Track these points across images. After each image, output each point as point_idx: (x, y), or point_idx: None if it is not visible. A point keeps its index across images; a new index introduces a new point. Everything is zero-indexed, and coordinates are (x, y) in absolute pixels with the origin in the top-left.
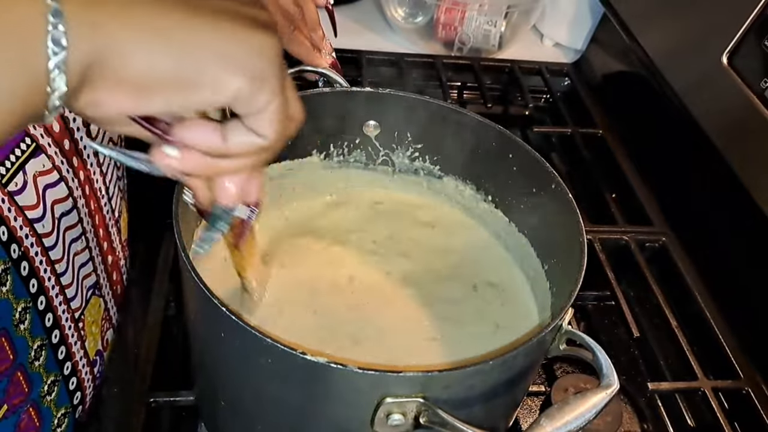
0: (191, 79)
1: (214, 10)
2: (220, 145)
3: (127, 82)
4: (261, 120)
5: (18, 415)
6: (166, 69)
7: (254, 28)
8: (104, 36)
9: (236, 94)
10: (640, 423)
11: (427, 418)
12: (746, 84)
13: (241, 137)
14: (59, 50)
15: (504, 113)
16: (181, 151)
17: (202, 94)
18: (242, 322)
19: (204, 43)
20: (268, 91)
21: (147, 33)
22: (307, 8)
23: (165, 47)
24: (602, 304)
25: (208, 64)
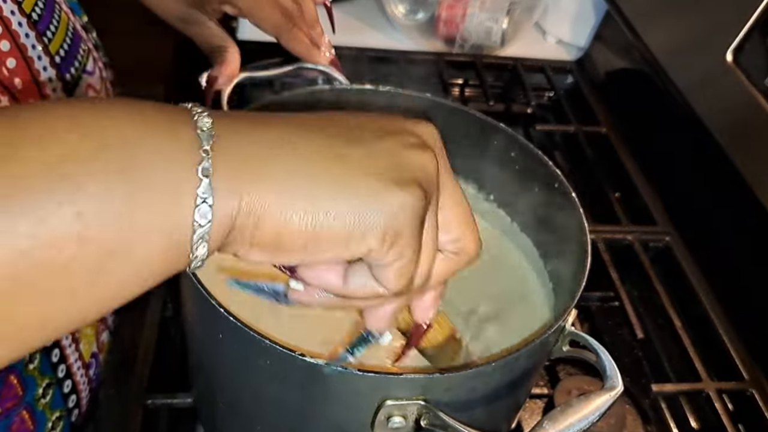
0: (321, 242)
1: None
2: (339, 288)
3: (261, 244)
4: (385, 272)
5: (10, 419)
6: (297, 234)
7: (396, 185)
8: (246, 205)
9: (366, 253)
10: (643, 425)
11: (428, 420)
12: (751, 82)
13: (362, 281)
14: (205, 223)
15: (506, 111)
16: (306, 287)
17: (332, 253)
18: (240, 324)
19: (338, 206)
20: (398, 250)
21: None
22: (306, 5)
23: (299, 213)
24: (606, 305)
25: (339, 224)
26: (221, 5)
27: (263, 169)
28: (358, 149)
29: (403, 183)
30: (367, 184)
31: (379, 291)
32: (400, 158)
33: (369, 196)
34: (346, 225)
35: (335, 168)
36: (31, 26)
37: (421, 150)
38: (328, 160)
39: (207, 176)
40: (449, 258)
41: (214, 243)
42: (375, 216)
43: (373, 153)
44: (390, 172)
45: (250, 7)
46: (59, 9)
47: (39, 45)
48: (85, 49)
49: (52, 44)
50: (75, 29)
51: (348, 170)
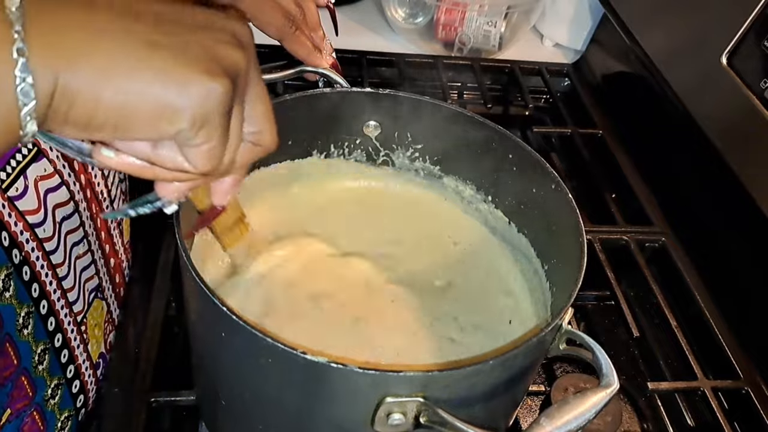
0: (130, 120)
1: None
2: (149, 154)
3: (73, 122)
4: (192, 152)
5: (21, 419)
6: (107, 113)
7: (204, 72)
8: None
9: (175, 134)
10: (639, 423)
11: (427, 417)
12: (746, 84)
13: (169, 154)
14: (29, 101)
15: (504, 113)
16: (117, 153)
17: (142, 133)
18: (243, 322)
19: (149, 88)
20: (205, 134)
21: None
22: (308, 8)
23: (110, 93)
24: (602, 304)
25: (148, 107)
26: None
27: (77, 51)
28: (172, 38)
29: (213, 72)
30: (179, 70)
31: (186, 167)
32: (213, 51)
33: (180, 81)
34: (157, 107)
35: (148, 53)
36: None
37: (233, 46)
38: (142, 45)
39: (22, 56)
40: (250, 147)
41: (40, 119)
42: (185, 100)
43: (186, 43)
44: (201, 62)
45: (254, 11)
46: None
47: None
48: None
49: None
50: None
51: (160, 57)
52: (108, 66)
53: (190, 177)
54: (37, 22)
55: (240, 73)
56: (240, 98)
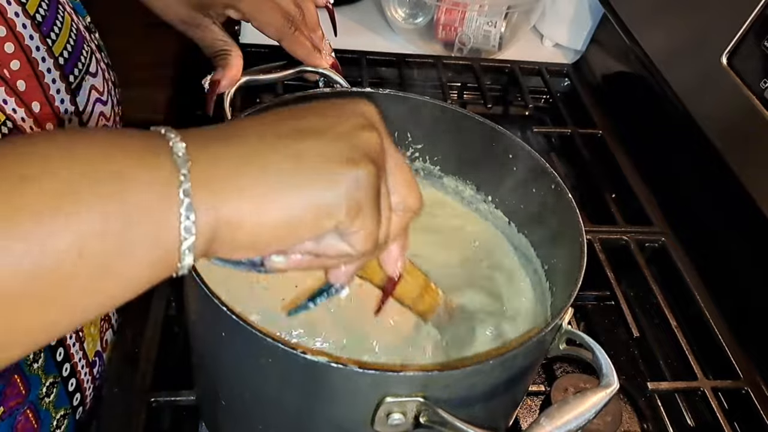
0: (294, 229)
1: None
2: (313, 249)
3: (240, 247)
4: (352, 238)
5: (14, 417)
6: (272, 231)
7: (348, 164)
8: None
9: (335, 228)
10: (639, 423)
11: (427, 417)
12: (746, 85)
13: (332, 243)
14: (189, 236)
15: (504, 114)
16: (285, 256)
17: (305, 237)
18: (243, 322)
19: (304, 199)
20: (362, 219)
21: (255, 203)
22: (307, 9)
23: (270, 212)
24: (602, 304)
25: (308, 213)
26: (225, 9)
27: (235, 183)
28: (311, 142)
29: (355, 161)
30: (325, 170)
31: (349, 251)
32: (349, 139)
33: (328, 179)
34: (313, 211)
35: (296, 165)
36: (35, 28)
37: (365, 128)
38: (289, 160)
39: (188, 196)
40: (400, 215)
41: (199, 252)
42: (337, 195)
43: (325, 141)
44: (342, 154)
45: (253, 11)
46: (63, 10)
47: (43, 46)
48: (88, 50)
49: (56, 45)
50: (78, 30)
51: (306, 163)
52: (263, 191)
53: (352, 260)
54: (200, 163)
55: (378, 152)
56: (384, 175)
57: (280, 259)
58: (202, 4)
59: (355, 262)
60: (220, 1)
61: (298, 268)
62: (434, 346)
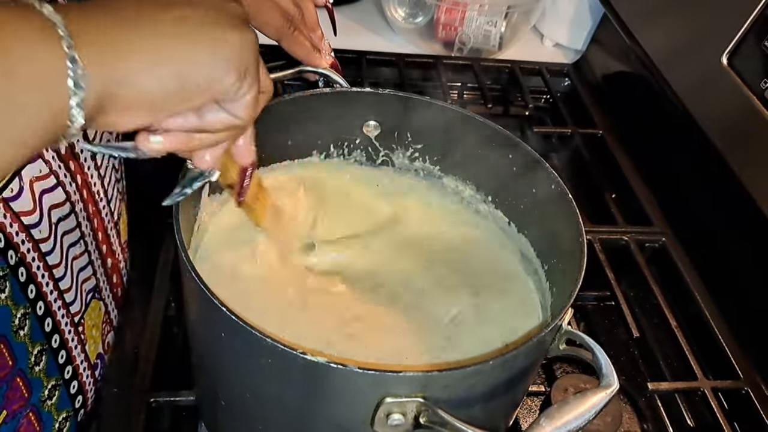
0: (190, 90)
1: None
2: (196, 123)
3: (134, 106)
4: (238, 105)
5: (17, 420)
6: (169, 88)
7: (233, 27)
8: (114, 72)
9: (228, 89)
10: (639, 423)
11: (427, 417)
12: (746, 84)
13: (217, 116)
14: (78, 91)
15: (504, 113)
16: (163, 135)
17: (201, 98)
18: (243, 323)
19: (197, 57)
20: (249, 81)
21: (149, 63)
22: (307, 9)
23: (166, 71)
24: (602, 305)
25: (203, 73)
26: None
27: (122, 41)
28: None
29: (238, 25)
30: (212, 30)
31: (234, 121)
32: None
33: (217, 39)
34: (206, 69)
35: (182, 25)
36: None
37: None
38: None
39: (71, 49)
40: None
41: (89, 109)
42: (227, 56)
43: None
44: (225, 19)
45: (253, 12)
46: None
47: None
48: None
49: None
50: None
51: (192, 25)
52: (154, 48)
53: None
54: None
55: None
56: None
57: (157, 139)
58: None
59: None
60: None
61: (175, 147)
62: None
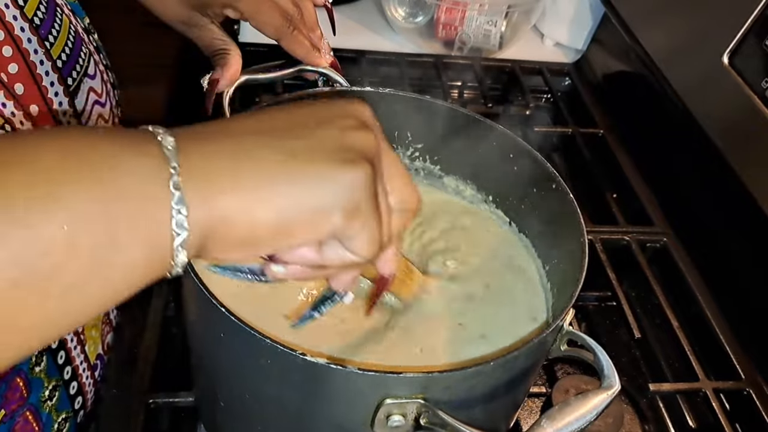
0: (290, 229)
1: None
2: (316, 260)
3: (234, 244)
4: (354, 243)
5: (14, 420)
6: (266, 229)
7: (344, 163)
8: (216, 212)
9: (332, 231)
10: (641, 424)
11: (427, 419)
12: (747, 84)
13: (336, 253)
14: (181, 232)
15: (504, 113)
16: (286, 265)
17: (301, 238)
18: (242, 323)
19: (298, 197)
20: (361, 221)
21: (249, 199)
22: (306, 8)
23: (264, 210)
24: (603, 305)
25: (302, 213)
26: (223, 9)
27: (226, 178)
28: (304, 141)
29: (351, 161)
30: (319, 169)
31: (353, 259)
32: (344, 140)
33: (323, 178)
34: (308, 209)
35: (288, 162)
36: (33, 31)
37: (360, 129)
38: (282, 157)
39: (178, 189)
40: (399, 216)
41: (192, 249)
42: (333, 195)
43: (319, 141)
44: (337, 154)
45: (252, 11)
46: (61, 12)
47: (41, 49)
48: (86, 53)
49: (54, 48)
50: (76, 32)
51: (300, 162)
52: (256, 186)
53: (356, 267)
54: (190, 157)
55: (373, 152)
56: (380, 175)
57: (279, 269)
58: (200, 4)
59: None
60: (218, 1)
61: (301, 278)
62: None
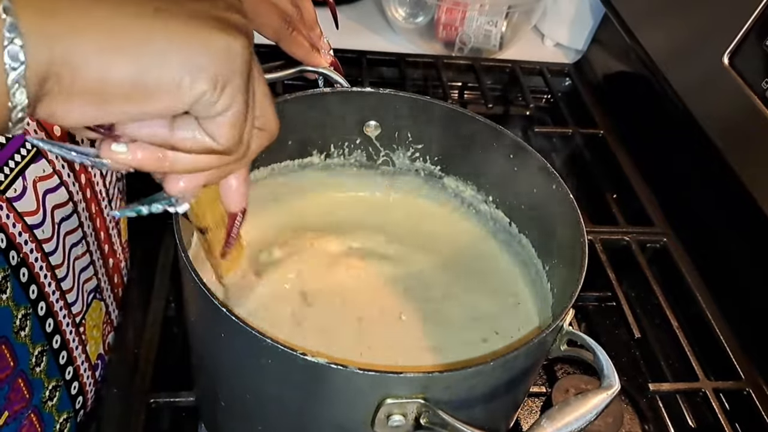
0: (149, 87)
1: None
2: (166, 136)
3: (81, 93)
4: (215, 123)
5: (19, 422)
6: (120, 79)
7: (220, 30)
8: (60, 48)
9: (197, 98)
10: (641, 424)
11: (427, 419)
12: (747, 84)
13: (190, 133)
14: (17, 65)
15: (505, 113)
16: (129, 145)
17: (161, 102)
18: (242, 323)
19: (162, 49)
20: (228, 95)
21: (102, 42)
22: (305, 8)
23: (120, 57)
24: (603, 305)
25: (166, 70)
26: None
27: (78, 17)
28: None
29: (227, 28)
30: (192, 29)
31: (210, 143)
32: (221, 15)
33: (195, 39)
34: (174, 68)
35: (156, 17)
36: None
37: (238, 13)
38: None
39: (10, 15)
40: (257, 133)
41: (32, 88)
42: (204, 58)
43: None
44: (213, 20)
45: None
46: None
47: None
48: None
49: None
50: None
51: (169, 19)
52: (115, 31)
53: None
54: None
55: (249, 35)
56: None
57: (121, 148)
58: None
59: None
60: None
61: (141, 164)
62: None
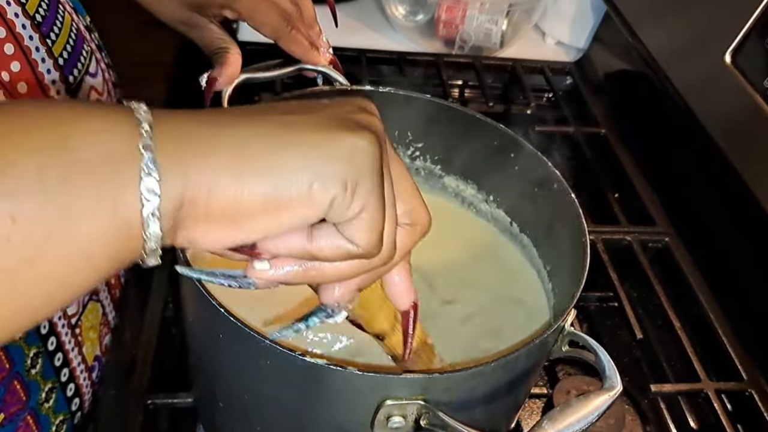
0: (282, 201)
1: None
2: (306, 247)
3: (216, 216)
4: (353, 227)
5: (16, 424)
6: (253, 198)
7: (346, 132)
8: (194, 175)
9: (330, 204)
10: (642, 425)
11: (427, 420)
12: (749, 83)
13: (329, 240)
14: (152, 198)
15: (506, 112)
16: (271, 262)
17: (296, 213)
18: (241, 324)
19: (290, 163)
20: (361, 196)
21: (233, 166)
22: (304, 6)
23: (252, 178)
24: (605, 305)
25: (297, 183)
26: (220, 9)
27: (208, 143)
28: (302, 116)
29: (352, 129)
30: (317, 135)
31: (350, 248)
32: (348, 117)
33: (323, 146)
34: (304, 179)
35: (282, 130)
36: (35, 28)
37: (365, 113)
38: (274, 126)
39: (149, 151)
40: (407, 230)
41: (167, 220)
42: (330, 163)
43: (319, 115)
44: (338, 124)
45: (249, 12)
46: (63, 10)
47: (43, 47)
48: (87, 51)
49: (56, 46)
50: (78, 30)
51: (295, 130)
52: (242, 151)
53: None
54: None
55: (381, 131)
56: (387, 164)
57: (264, 266)
58: (197, 5)
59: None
60: (216, 2)
61: (288, 278)
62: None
